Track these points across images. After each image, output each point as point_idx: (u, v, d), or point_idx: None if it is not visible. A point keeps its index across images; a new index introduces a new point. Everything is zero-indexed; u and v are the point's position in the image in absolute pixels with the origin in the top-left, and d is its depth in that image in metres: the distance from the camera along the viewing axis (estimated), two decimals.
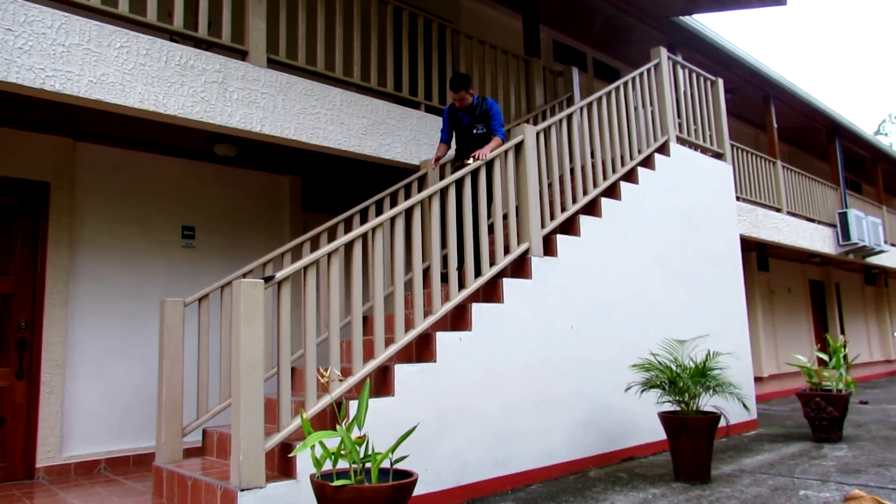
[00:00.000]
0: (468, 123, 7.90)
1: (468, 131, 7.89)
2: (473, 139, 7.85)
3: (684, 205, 9.53)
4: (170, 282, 8.58)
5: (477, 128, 7.84)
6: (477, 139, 7.83)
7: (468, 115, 7.91)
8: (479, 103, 7.89)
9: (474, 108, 7.88)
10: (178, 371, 6.44)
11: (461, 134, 7.97)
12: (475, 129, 7.84)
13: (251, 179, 9.54)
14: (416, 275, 6.36)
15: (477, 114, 7.86)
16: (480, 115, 7.84)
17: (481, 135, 7.82)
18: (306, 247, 7.59)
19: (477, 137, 7.83)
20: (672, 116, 9.76)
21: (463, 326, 6.61)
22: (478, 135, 7.83)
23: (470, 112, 7.90)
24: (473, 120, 7.86)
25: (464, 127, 7.94)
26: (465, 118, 7.94)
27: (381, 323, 6.04)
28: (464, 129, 7.94)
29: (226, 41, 7.14)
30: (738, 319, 10.33)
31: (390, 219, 6.22)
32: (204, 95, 6.68)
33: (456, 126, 8.02)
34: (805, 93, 16.49)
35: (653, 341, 8.17)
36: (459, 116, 7.97)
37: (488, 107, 7.84)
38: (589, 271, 7.88)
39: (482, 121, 7.84)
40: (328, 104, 7.73)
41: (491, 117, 7.80)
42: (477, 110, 7.87)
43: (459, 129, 7.99)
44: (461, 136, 7.98)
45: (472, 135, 7.85)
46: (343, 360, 6.92)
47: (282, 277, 5.31)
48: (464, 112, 7.94)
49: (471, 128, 7.87)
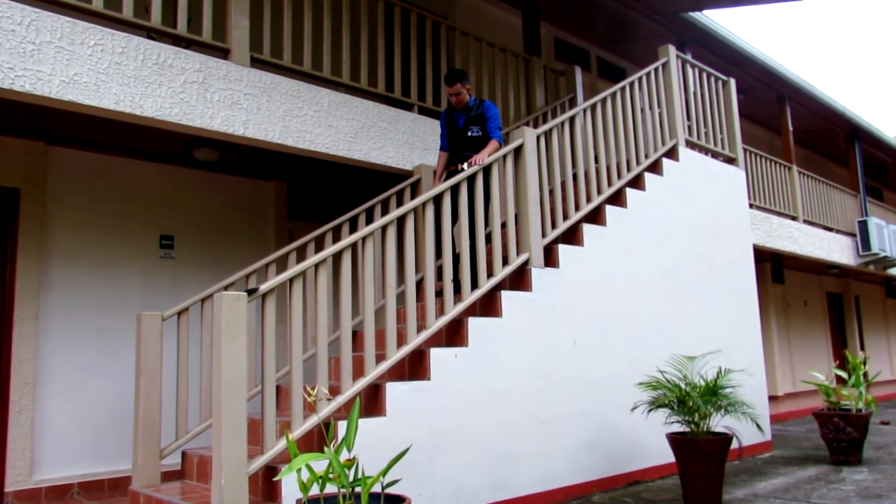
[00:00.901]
0: (463, 125, 7.92)
1: (463, 133, 7.92)
2: (468, 142, 7.87)
3: (694, 213, 9.57)
4: (147, 294, 8.59)
5: (472, 130, 7.87)
6: (472, 142, 7.85)
7: (463, 116, 7.95)
8: (476, 104, 7.92)
9: (470, 108, 7.92)
10: (155, 389, 6.44)
11: (455, 136, 7.99)
12: (470, 130, 7.87)
13: (234, 186, 9.55)
14: (408, 287, 6.37)
15: (473, 115, 7.89)
16: (477, 117, 7.87)
17: (476, 137, 7.85)
18: (292, 257, 7.60)
19: (472, 140, 7.85)
20: (681, 119, 9.80)
21: (459, 342, 6.62)
22: (472, 137, 7.86)
23: (465, 113, 7.93)
24: (469, 122, 7.89)
25: (458, 129, 7.96)
26: (460, 119, 7.97)
27: (372, 338, 6.04)
28: (458, 131, 7.96)
29: (206, 39, 7.16)
30: (752, 334, 10.35)
31: (381, 227, 6.24)
32: (183, 96, 6.70)
33: (451, 128, 8.06)
34: (822, 93, 16.55)
35: (660, 358, 8.18)
36: (455, 118, 8.00)
37: (485, 108, 7.87)
38: (593, 283, 7.90)
39: (478, 123, 7.87)
40: (315, 106, 7.75)
41: (488, 119, 7.83)
42: (473, 111, 7.90)
43: (454, 132, 8.02)
44: (455, 139, 8.00)
45: (467, 137, 7.88)
46: (331, 377, 6.92)
47: (266, 290, 5.32)
48: (459, 112, 7.97)
49: (465, 129, 7.90)
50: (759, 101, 16.70)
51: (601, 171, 8.52)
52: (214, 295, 5.20)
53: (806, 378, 15.93)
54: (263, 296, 5.33)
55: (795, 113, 16.76)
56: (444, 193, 6.74)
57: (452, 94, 7.85)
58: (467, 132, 7.89)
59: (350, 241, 5.94)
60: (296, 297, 5.54)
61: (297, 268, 5.57)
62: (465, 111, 7.94)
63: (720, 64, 13.81)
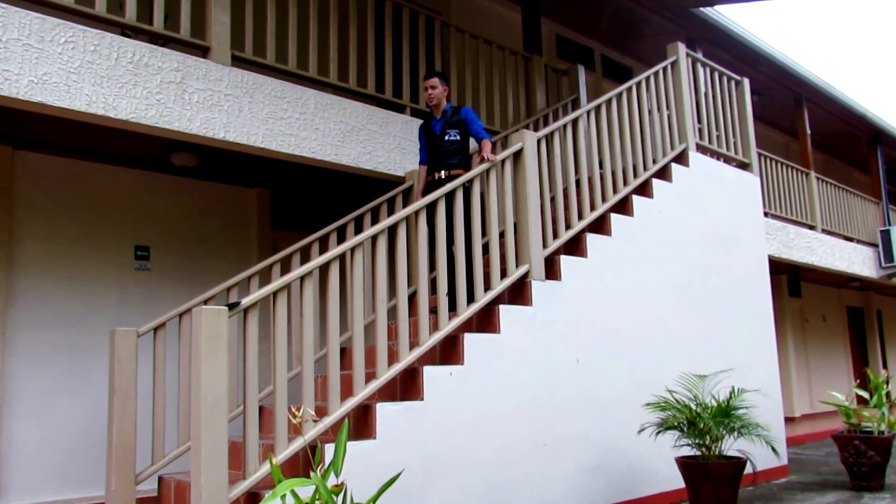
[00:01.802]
0: (440, 130, 7.98)
1: (440, 139, 7.97)
2: (447, 146, 7.93)
3: (705, 222, 9.60)
4: (121, 309, 8.59)
5: (449, 133, 7.93)
6: (451, 146, 7.93)
7: (440, 122, 8.02)
8: (452, 110, 8.03)
9: (446, 113, 8.02)
10: (130, 410, 6.44)
11: (433, 144, 8.05)
12: (447, 134, 7.93)
13: (213, 193, 9.56)
14: (400, 301, 6.39)
15: (450, 119, 7.97)
16: (455, 123, 7.96)
17: (455, 142, 7.92)
18: (276, 269, 7.61)
19: (451, 145, 7.93)
20: (691, 121, 9.84)
21: (454, 360, 6.63)
22: (451, 141, 7.93)
23: (442, 118, 8.02)
24: (446, 126, 7.97)
25: (435, 135, 8.02)
26: (436, 125, 8.04)
27: (361, 356, 6.06)
28: (435, 138, 8.03)
29: (184, 36, 7.18)
30: (767, 352, 10.38)
31: (371, 237, 6.26)
32: (160, 97, 6.72)
33: (429, 138, 8.12)
34: (842, 94, 16.60)
35: (669, 377, 8.20)
36: (432, 125, 8.08)
37: (464, 113, 7.99)
38: (597, 297, 7.93)
39: (456, 127, 7.95)
40: (301, 107, 7.78)
41: (469, 122, 7.94)
42: (449, 116, 7.98)
43: (432, 140, 8.08)
44: (433, 147, 8.05)
45: (445, 142, 7.94)
46: (318, 397, 6.93)
47: (248, 304, 5.34)
48: (436, 119, 8.05)
49: (443, 134, 7.96)
50: (774, 102, 16.75)
51: (606, 177, 8.55)
52: (193, 309, 5.21)
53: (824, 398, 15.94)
54: (245, 310, 5.34)
55: (813, 115, 16.80)
56: (438, 201, 6.77)
57: (428, 86, 7.97)
58: (445, 136, 7.95)
59: (338, 251, 5.96)
60: (280, 311, 5.55)
61: (281, 280, 5.58)
62: (442, 116, 8.03)
63: (733, 63, 13.85)
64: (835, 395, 10.06)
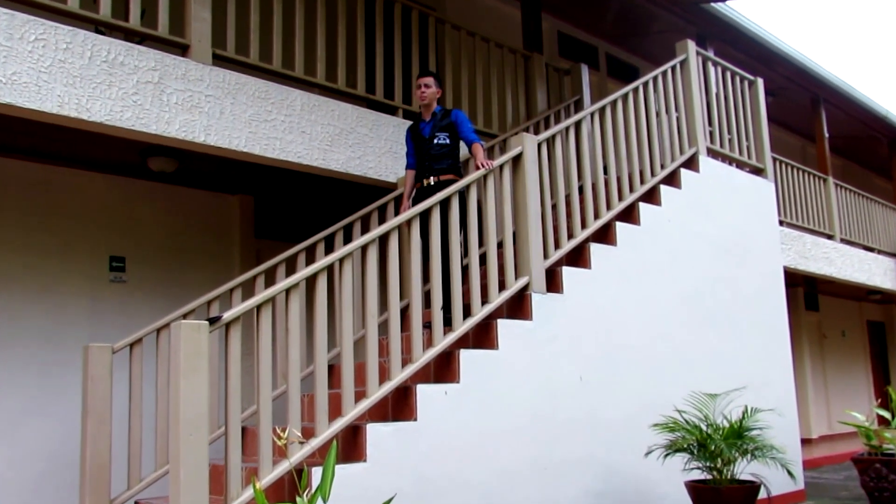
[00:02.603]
0: (429, 133, 8.02)
1: (429, 142, 8.00)
2: (435, 150, 7.97)
3: (717, 230, 9.63)
4: (95, 323, 8.59)
5: (438, 137, 7.96)
6: (440, 150, 7.96)
7: (429, 125, 8.06)
8: (442, 112, 8.07)
9: (436, 115, 8.06)
10: (104, 431, 6.44)
11: (422, 148, 8.08)
12: (436, 137, 7.97)
13: (193, 200, 9.57)
14: (392, 315, 6.39)
15: (440, 122, 8.01)
16: (445, 126, 8.00)
17: (444, 146, 7.96)
18: (260, 281, 7.63)
19: (440, 148, 7.96)
20: (702, 124, 9.87)
21: (449, 378, 6.63)
22: (440, 145, 7.97)
23: (432, 120, 8.05)
24: (436, 129, 8.01)
25: (424, 138, 8.05)
26: (425, 128, 8.07)
27: (351, 373, 6.06)
28: (424, 141, 8.05)
29: (163, 33, 7.20)
30: (782, 369, 10.40)
31: (361, 247, 6.27)
32: (136, 98, 6.74)
33: (418, 141, 8.15)
34: (862, 95, 16.65)
35: (678, 395, 8.20)
36: (420, 128, 8.11)
37: (454, 115, 8.05)
38: (601, 311, 7.94)
39: (446, 130, 8.00)
40: (286, 109, 7.80)
41: (459, 124, 8.00)
42: (440, 119, 8.02)
43: (420, 144, 8.12)
44: (422, 152, 8.09)
45: (434, 146, 7.97)
46: (304, 418, 6.94)
47: (230, 318, 5.35)
48: (425, 122, 8.09)
49: (432, 138, 7.99)
50: (790, 103, 16.80)
51: (611, 183, 8.57)
52: (172, 324, 5.22)
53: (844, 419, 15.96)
54: (227, 325, 5.35)
55: (832, 117, 16.84)
56: (432, 209, 6.79)
57: (422, 84, 8.01)
58: (434, 139, 7.98)
59: (326, 262, 5.97)
60: (264, 326, 5.56)
61: (265, 293, 5.59)
62: (431, 119, 8.07)
63: (746, 62, 13.86)
64: (854, 415, 10.08)
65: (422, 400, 6.25)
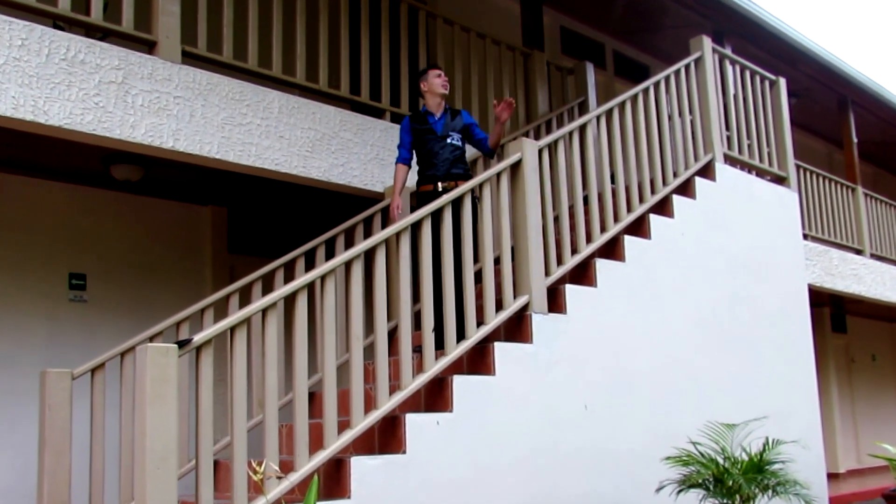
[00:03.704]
0: (442, 131, 8.01)
1: (443, 141, 7.99)
2: (449, 151, 7.97)
3: (734, 245, 9.66)
4: (53, 347, 8.58)
5: (452, 136, 7.99)
6: (453, 152, 7.97)
7: (441, 121, 8.05)
8: (452, 112, 8.11)
9: (447, 112, 8.08)
10: (63, 465, 6.44)
11: (432, 147, 8.02)
12: (450, 137, 7.99)
13: (161, 212, 9.58)
14: (379, 338, 6.41)
15: (451, 121, 8.04)
16: (457, 126, 8.05)
17: (457, 148, 8.00)
18: (234, 300, 7.64)
19: (453, 150, 7.97)
20: (718, 128, 9.90)
21: (441, 406, 6.64)
22: (454, 146, 7.99)
23: (443, 117, 8.06)
24: (448, 128, 8.02)
25: (436, 135, 8.00)
26: (437, 123, 8.04)
27: (333, 402, 6.07)
28: (436, 140, 8.01)
29: (127, 28, 7.22)
30: (806, 397, 10.42)
31: (345, 263, 6.29)
32: (98, 100, 6.75)
33: (422, 137, 8.08)
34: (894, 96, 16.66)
35: (692, 426, 8.21)
36: (430, 123, 8.06)
37: (466, 117, 8.11)
38: (608, 333, 7.96)
39: (458, 132, 8.04)
40: (263, 112, 7.82)
41: (471, 125, 8.10)
42: (451, 117, 8.06)
43: (429, 140, 8.04)
44: (432, 151, 8.02)
45: (448, 145, 7.98)
46: (283, 450, 6.95)
47: (201, 341, 5.36)
48: (435, 117, 8.06)
49: (445, 137, 7.99)
50: (815, 106, 16.81)
51: (619, 193, 8.60)
52: (137, 347, 5.23)
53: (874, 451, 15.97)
54: (198, 348, 5.36)
55: (861, 121, 16.82)
56: (422, 221, 6.80)
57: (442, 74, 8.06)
58: (447, 138, 7.99)
59: (306, 280, 5.99)
60: (238, 350, 5.57)
61: (240, 313, 5.62)
62: (442, 116, 8.07)
63: (767, 60, 13.85)
64: (886, 447, 10.10)
65: (411, 430, 6.26)
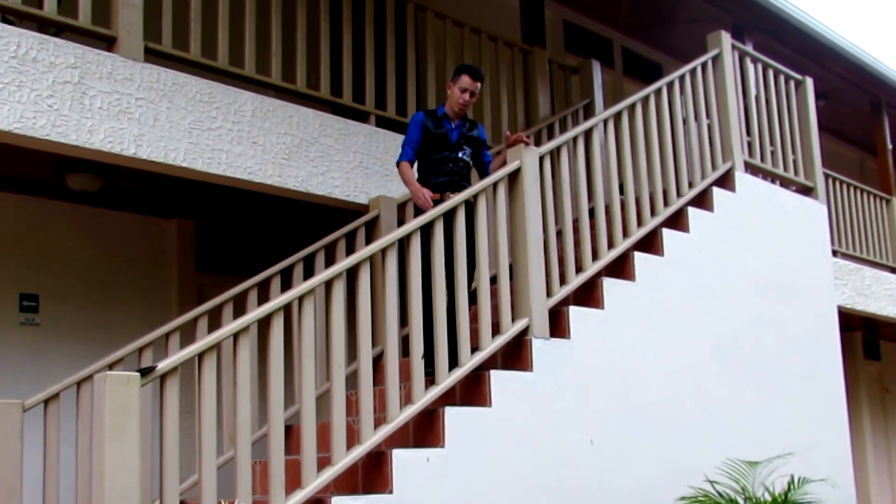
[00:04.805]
0: (457, 140, 7.98)
1: (455, 150, 7.97)
2: (458, 166, 7.97)
3: (756, 263, 9.68)
4: (1, 375, 8.56)
5: (465, 150, 8.01)
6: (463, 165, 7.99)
7: (458, 130, 8.01)
8: (471, 123, 8.11)
9: (465, 122, 8.06)
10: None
11: (444, 154, 7.95)
12: (462, 151, 8.00)
13: (122, 226, 9.57)
14: (363, 365, 6.41)
15: (467, 132, 8.04)
16: (472, 139, 8.06)
17: (468, 163, 8.04)
18: (202, 323, 7.65)
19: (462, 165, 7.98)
20: (738, 133, 9.94)
21: (432, 441, 6.64)
22: (464, 160, 8.01)
23: (459, 126, 8.02)
24: (463, 139, 8.01)
25: (450, 144, 7.95)
26: (454, 131, 7.99)
27: (313, 436, 6.07)
28: (449, 147, 7.96)
29: (84, 23, 7.21)
30: (836, 431, 10.43)
31: (326, 283, 6.31)
32: (52, 102, 6.76)
33: (433, 140, 7.96)
34: None
35: (710, 463, 8.21)
36: (447, 129, 7.97)
37: (480, 130, 8.15)
38: (616, 361, 7.96)
39: (471, 145, 8.05)
40: (234, 115, 7.84)
41: (484, 144, 8.15)
42: (468, 129, 8.06)
43: (441, 145, 7.95)
44: (444, 158, 7.95)
45: (458, 158, 7.97)
46: (256, 489, 6.94)
47: (166, 369, 5.36)
48: (451, 124, 8.00)
49: (458, 148, 7.98)
50: (845, 108, 16.83)
51: (628, 205, 8.62)
52: (95, 376, 5.24)
53: None
54: (162, 377, 5.37)
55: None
56: (411, 236, 6.82)
57: (471, 89, 7.85)
58: (460, 151, 7.99)
59: (282, 301, 6.00)
60: (207, 378, 5.58)
61: (209, 338, 5.62)
62: (459, 124, 8.02)
63: (792, 58, 13.78)
64: None
65: (398, 468, 6.24)
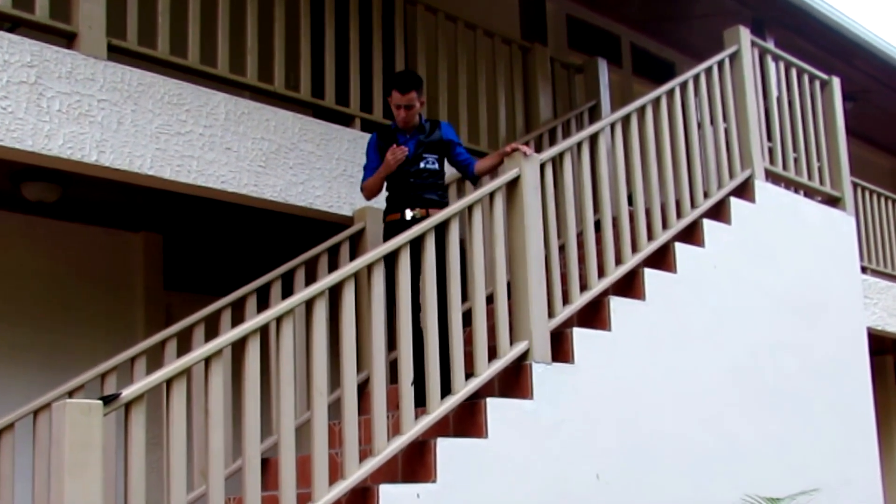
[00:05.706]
0: (413, 153, 8.01)
1: (413, 164, 8.01)
2: (423, 176, 8.02)
3: (778, 280, 9.68)
4: None
5: (426, 160, 8.03)
6: (426, 177, 8.01)
7: (413, 140, 8.06)
8: (430, 126, 8.15)
9: (423, 129, 8.11)
10: None
11: (401, 171, 8.00)
12: (424, 160, 8.02)
13: (82, 239, 9.57)
14: (346, 392, 6.40)
15: (426, 139, 8.08)
16: (433, 144, 8.08)
17: (433, 172, 8.05)
18: (171, 346, 7.64)
19: (426, 175, 8.01)
20: (758, 138, 9.94)
21: (423, 475, 6.62)
22: (428, 170, 8.03)
23: (415, 135, 8.07)
24: (421, 148, 8.04)
25: (407, 158, 7.98)
26: (408, 144, 8.03)
27: (292, 470, 6.07)
28: (407, 162, 7.99)
29: (42, 17, 7.22)
30: (866, 464, 10.42)
31: (306, 302, 6.31)
32: (6, 104, 6.77)
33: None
34: None
35: (728, 499, 8.23)
36: (399, 142, 8.04)
37: (445, 131, 8.16)
38: (625, 387, 7.96)
39: (435, 151, 8.09)
40: (206, 119, 7.84)
41: (454, 144, 8.16)
42: (426, 134, 8.10)
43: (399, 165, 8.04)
44: (400, 175, 8.03)
45: (419, 170, 8.01)
46: None
47: (132, 396, 5.36)
48: (406, 135, 8.08)
49: (417, 159, 8.02)
50: (875, 111, 16.84)
51: (637, 217, 8.61)
52: (53, 404, 5.24)
53: None
54: (127, 405, 5.37)
55: None
56: (400, 250, 6.83)
57: (403, 104, 7.89)
58: (420, 162, 8.02)
59: (259, 322, 6.00)
60: (176, 407, 5.58)
61: (178, 363, 5.61)
62: (414, 133, 8.08)
63: (817, 55, 13.76)
64: None
65: None
